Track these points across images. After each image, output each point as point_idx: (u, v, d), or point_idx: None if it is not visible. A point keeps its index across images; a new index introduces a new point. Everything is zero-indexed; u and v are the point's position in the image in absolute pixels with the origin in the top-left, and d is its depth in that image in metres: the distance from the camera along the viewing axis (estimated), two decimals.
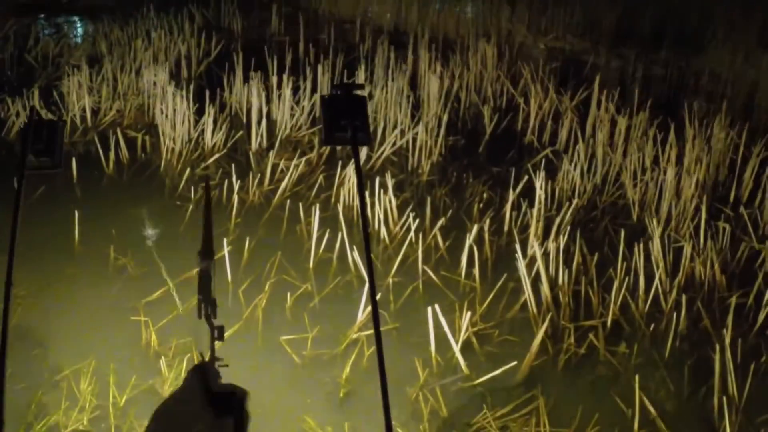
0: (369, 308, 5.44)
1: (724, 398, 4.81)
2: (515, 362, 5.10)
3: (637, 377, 4.83)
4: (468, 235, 6.26)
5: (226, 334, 5.23)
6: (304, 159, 7.85)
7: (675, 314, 5.68)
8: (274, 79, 9.29)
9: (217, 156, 8.00)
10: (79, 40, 12.49)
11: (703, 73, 12.28)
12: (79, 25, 13.60)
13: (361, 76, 9.49)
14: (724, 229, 6.81)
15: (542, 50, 13.19)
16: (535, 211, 6.65)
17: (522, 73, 10.74)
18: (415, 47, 11.21)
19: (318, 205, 6.72)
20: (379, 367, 2.30)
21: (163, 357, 4.99)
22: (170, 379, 4.83)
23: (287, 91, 8.87)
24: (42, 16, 13.63)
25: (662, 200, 7.27)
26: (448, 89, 9.98)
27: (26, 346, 5.04)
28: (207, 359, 1.98)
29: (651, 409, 4.78)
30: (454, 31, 13.62)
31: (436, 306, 5.24)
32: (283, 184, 7.31)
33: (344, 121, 2.52)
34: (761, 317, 5.77)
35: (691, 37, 12.92)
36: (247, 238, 6.30)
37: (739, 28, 12.48)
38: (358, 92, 2.59)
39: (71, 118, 8.85)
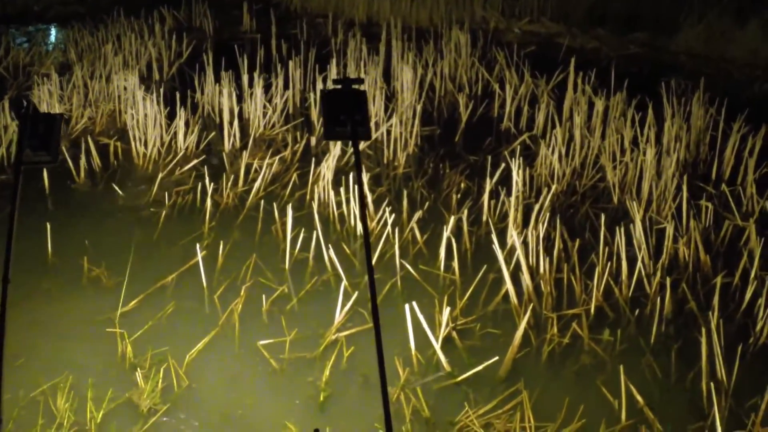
0: (347, 308, 5.35)
1: (712, 384, 4.71)
2: (497, 357, 4.99)
3: (621, 367, 4.72)
4: (445, 227, 6.15)
5: (203, 342, 5.13)
6: (277, 157, 7.74)
7: (659, 298, 5.59)
8: (246, 78, 9.17)
9: (194, 162, 7.85)
10: (50, 48, 12.31)
11: (680, 51, 12.20)
12: (49, 33, 13.44)
13: (333, 70, 9.37)
14: (707, 208, 6.73)
15: (516, 34, 13.09)
16: (513, 199, 6.54)
17: (497, 59, 10.64)
18: (388, 38, 11.10)
19: (292, 204, 6.61)
20: (380, 369, 2.22)
21: (139, 369, 4.88)
22: (147, 390, 4.71)
23: (259, 90, 8.75)
24: (13, 27, 13.44)
25: (643, 181, 7.18)
26: (422, 79, 9.86)
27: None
28: None
29: (638, 397, 4.68)
30: (427, 19, 13.51)
31: (414, 303, 5.13)
32: (257, 184, 7.19)
33: (344, 115, 2.50)
34: (747, 296, 5.68)
35: (665, 15, 12.82)
36: (222, 242, 6.18)
37: (714, 4, 12.39)
38: (358, 87, 2.56)
39: None
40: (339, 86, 2.55)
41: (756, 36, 11.85)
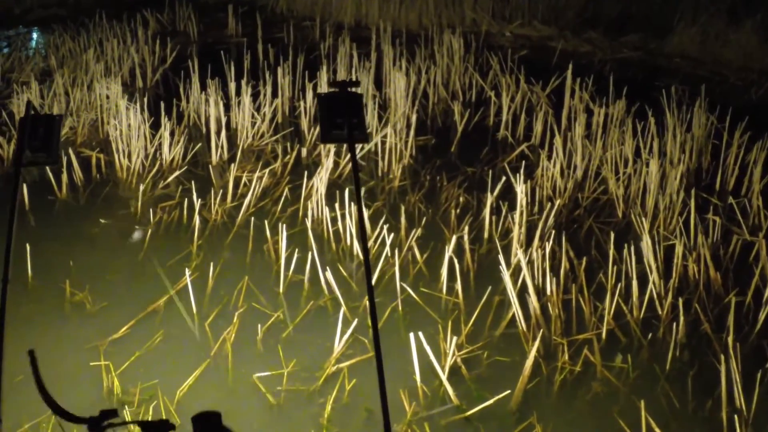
0: (347, 336, 5.07)
1: (735, 415, 4.47)
2: (508, 390, 4.72)
3: (643, 402, 4.46)
4: (447, 246, 5.86)
5: (194, 375, 4.83)
6: (267, 170, 7.44)
7: (672, 320, 5.35)
8: (233, 86, 8.86)
9: (177, 173, 7.52)
10: (30, 53, 11.95)
11: (674, 54, 11.99)
12: (30, 37, 13.09)
13: (323, 78, 9.05)
14: (714, 222, 6.49)
15: (508, 38, 12.83)
16: (516, 215, 6.26)
17: (490, 64, 10.38)
18: (378, 43, 10.82)
19: (285, 221, 6.34)
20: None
21: (126, 406, 4.59)
22: (136, 431, 4.41)
23: (246, 98, 8.45)
24: None
25: (647, 194, 6.94)
26: (415, 86, 9.57)
27: None
28: None
29: (656, 429, 4.43)
30: (417, 21, 13.22)
31: (420, 333, 4.86)
32: (247, 200, 6.87)
33: (341, 118, 2.48)
34: (762, 317, 5.45)
35: (658, 16, 12.60)
36: (212, 263, 5.88)
37: (707, 5, 12.20)
38: (355, 90, 2.55)
39: None
40: (335, 89, 2.54)
41: (750, 39, 11.67)
